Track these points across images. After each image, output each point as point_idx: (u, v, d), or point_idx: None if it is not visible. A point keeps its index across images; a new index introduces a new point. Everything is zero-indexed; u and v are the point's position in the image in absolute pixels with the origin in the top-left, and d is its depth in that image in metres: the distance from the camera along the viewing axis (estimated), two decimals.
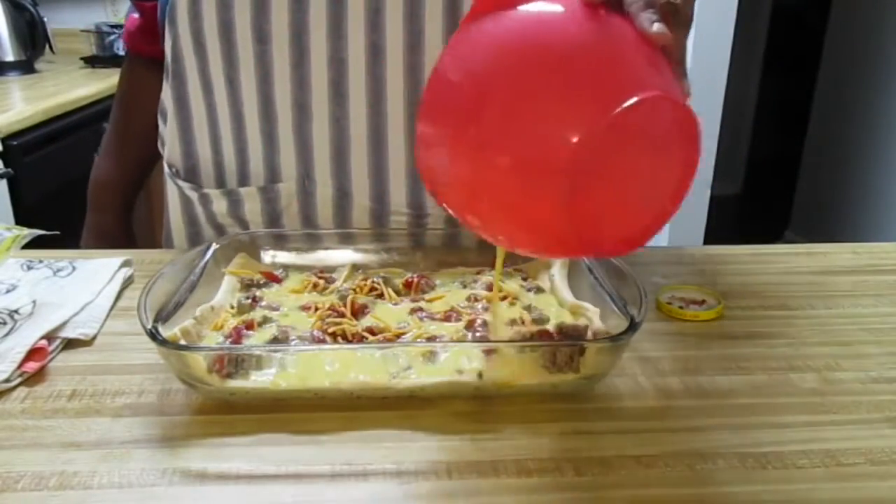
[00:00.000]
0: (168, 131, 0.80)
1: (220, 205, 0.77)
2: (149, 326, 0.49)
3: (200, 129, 0.77)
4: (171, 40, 0.75)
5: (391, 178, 0.74)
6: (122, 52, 2.33)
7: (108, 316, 0.63)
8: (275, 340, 0.54)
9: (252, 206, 0.76)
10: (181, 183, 0.80)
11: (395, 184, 0.75)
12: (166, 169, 0.82)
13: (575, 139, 0.37)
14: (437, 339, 0.55)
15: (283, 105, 0.73)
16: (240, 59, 0.72)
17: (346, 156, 0.74)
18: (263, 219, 0.76)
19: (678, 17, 0.43)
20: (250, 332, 0.55)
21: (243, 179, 0.77)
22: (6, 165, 1.54)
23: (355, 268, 0.67)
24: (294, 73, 0.71)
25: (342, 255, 0.69)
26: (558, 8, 0.41)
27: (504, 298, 0.61)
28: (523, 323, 0.57)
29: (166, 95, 0.79)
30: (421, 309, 0.60)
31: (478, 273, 0.66)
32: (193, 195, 0.79)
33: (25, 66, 2.10)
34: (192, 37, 0.73)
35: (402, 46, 0.70)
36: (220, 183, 0.78)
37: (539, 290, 0.64)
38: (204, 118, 0.77)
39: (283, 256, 0.69)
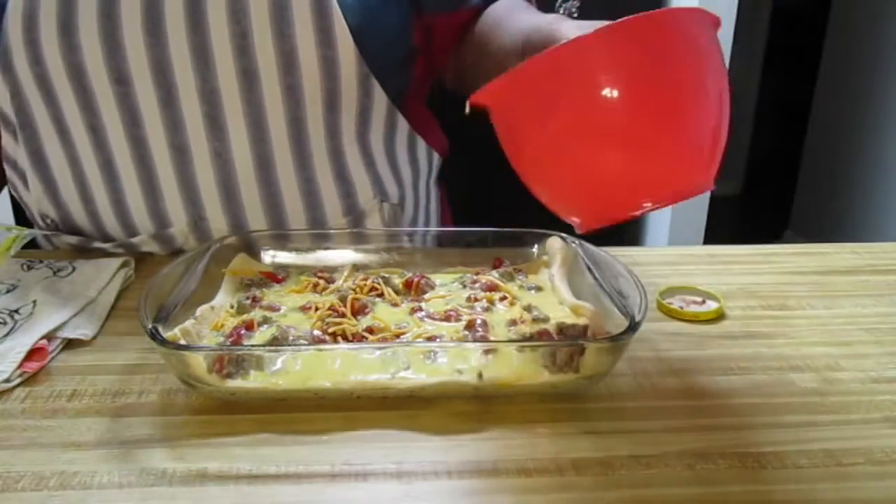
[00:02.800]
0: (31, 185, 0.75)
1: (117, 250, 0.75)
2: (149, 326, 0.49)
3: (65, 184, 0.73)
4: (8, 89, 0.70)
5: (286, 203, 0.73)
6: None
7: (108, 316, 0.63)
8: (275, 340, 0.54)
9: (150, 249, 0.75)
10: (67, 238, 0.76)
11: (290, 207, 0.73)
12: (40, 221, 0.78)
13: None
14: (437, 339, 0.55)
15: (158, 148, 0.70)
16: (99, 104, 0.68)
17: (235, 192, 0.72)
18: (165, 255, 0.75)
19: None
20: (250, 332, 0.55)
21: (128, 230, 0.74)
22: None
23: (355, 268, 0.67)
24: (164, 113, 0.68)
25: (342, 255, 0.69)
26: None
27: (504, 298, 0.61)
28: (523, 323, 0.57)
29: (15, 150, 0.75)
30: (421, 309, 0.60)
31: (478, 273, 0.66)
32: (81, 245, 0.76)
33: None
34: (37, 84, 0.68)
35: (276, 69, 0.67)
36: (102, 236, 0.75)
37: (539, 289, 0.64)
38: (67, 171, 0.72)
39: (283, 256, 0.69)
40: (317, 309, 0.58)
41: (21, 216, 0.85)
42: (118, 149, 0.70)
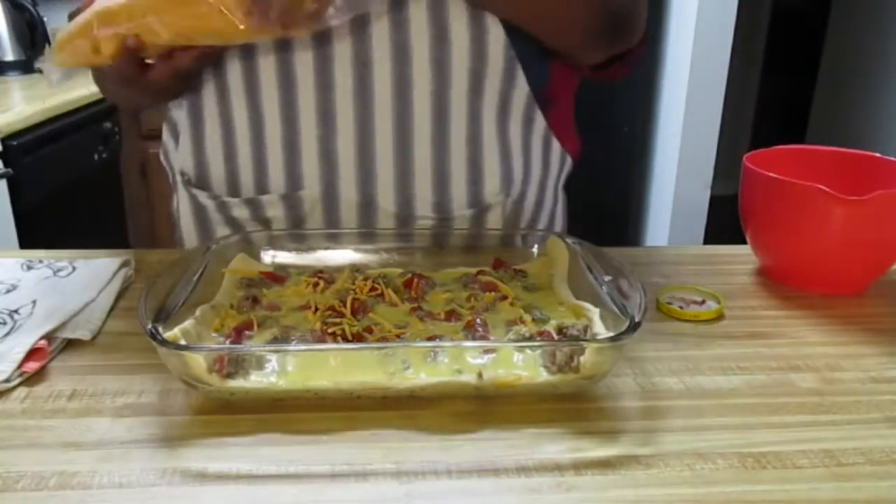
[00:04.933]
0: (181, 141, 0.78)
1: (241, 212, 0.76)
2: (149, 326, 0.49)
3: (213, 139, 0.76)
4: None
5: (416, 183, 0.73)
6: None
7: (108, 316, 0.63)
8: (275, 340, 0.54)
9: (274, 213, 0.75)
10: (195, 191, 0.79)
11: (420, 188, 0.74)
12: (178, 177, 0.81)
13: None
14: (437, 339, 0.55)
15: (306, 112, 0.71)
16: (259, 66, 0.71)
17: (372, 162, 0.72)
18: (287, 223, 0.75)
19: None
20: (250, 332, 0.55)
21: (261, 187, 0.75)
22: (6, 165, 1.54)
23: (355, 268, 0.67)
24: (318, 78, 0.70)
25: (342, 255, 0.69)
26: None
27: (504, 298, 0.61)
28: (523, 323, 0.57)
29: (176, 105, 0.78)
30: (421, 309, 0.60)
31: (478, 273, 0.66)
32: (210, 203, 0.78)
33: (25, 66, 2.10)
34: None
35: (427, 43, 0.69)
36: (234, 191, 0.77)
37: (539, 289, 0.64)
38: (217, 128, 0.75)
39: (283, 256, 0.69)
40: (317, 309, 0.58)
41: (21, 216, 0.84)
42: (269, 110, 0.72)
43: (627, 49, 0.77)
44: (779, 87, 3.54)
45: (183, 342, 0.50)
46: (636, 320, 0.50)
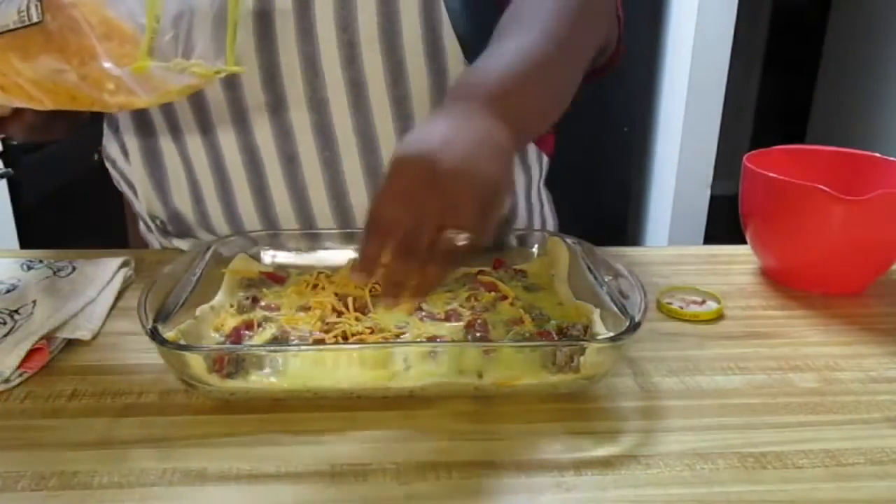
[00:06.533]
0: (139, 183, 0.77)
1: None
2: (149, 326, 0.49)
3: (177, 181, 0.74)
4: None
5: None
6: None
7: (108, 316, 0.63)
8: (275, 340, 0.54)
9: None
10: (176, 242, 0.78)
11: None
12: (149, 222, 0.79)
13: None
14: (437, 339, 0.55)
15: (268, 155, 0.70)
16: (210, 107, 0.69)
17: (346, 199, 0.72)
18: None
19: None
20: (250, 332, 0.55)
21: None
22: (6, 165, 1.54)
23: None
24: (274, 120, 0.69)
25: (342, 255, 0.69)
26: None
27: (504, 298, 0.61)
28: (523, 323, 0.57)
29: (131, 144, 0.75)
30: (421, 309, 0.60)
31: (478, 273, 0.66)
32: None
33: None
34: None
35: (383, 80, 0.68)
36: (208, 226, 0.76)
37: (539, 289, 0.64)
38: (181, 172, 0.74)
39: (283, 256, 0.69)
40: (317, 309, 0.58)
41: (21, 216, 0.85)
42: (229, 153, 0.71)
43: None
44: (779, 87, 3.54)
45: (183, 342, 0.50)
46: (636, 320, 0.50)
